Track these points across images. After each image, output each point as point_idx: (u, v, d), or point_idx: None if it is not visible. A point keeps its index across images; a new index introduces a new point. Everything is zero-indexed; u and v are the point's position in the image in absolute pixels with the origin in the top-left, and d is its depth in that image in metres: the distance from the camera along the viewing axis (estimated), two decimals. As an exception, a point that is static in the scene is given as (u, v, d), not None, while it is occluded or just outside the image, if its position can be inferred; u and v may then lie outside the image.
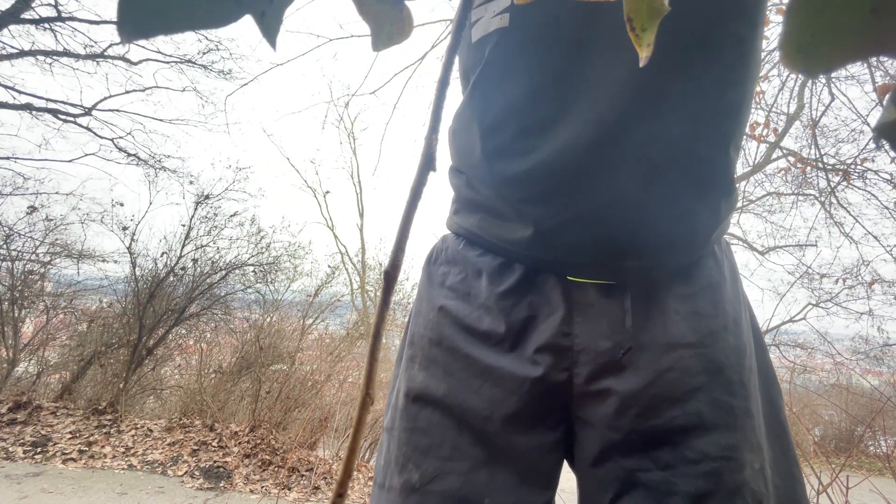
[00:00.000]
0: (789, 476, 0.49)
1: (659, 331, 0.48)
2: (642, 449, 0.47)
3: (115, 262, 5.90)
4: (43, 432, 3.79)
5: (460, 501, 0.48)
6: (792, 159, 5.17)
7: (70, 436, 3.80)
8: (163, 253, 5.52)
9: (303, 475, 3.86)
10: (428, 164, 0.19)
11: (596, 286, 0.49)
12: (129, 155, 6.14)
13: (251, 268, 6.49)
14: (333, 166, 12.50)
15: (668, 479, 0.45)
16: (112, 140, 5.95)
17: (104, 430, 3.99)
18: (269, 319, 6.88)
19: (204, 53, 5.85)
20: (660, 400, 0.47)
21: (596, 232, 0.47)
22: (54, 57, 5.23)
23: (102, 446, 3.76)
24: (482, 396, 0.50)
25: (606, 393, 0.48)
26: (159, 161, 6.21)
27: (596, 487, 0.49)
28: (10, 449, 3.50)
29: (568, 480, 0.60)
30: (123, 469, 3.53)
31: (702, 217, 0.49)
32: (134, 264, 5.41)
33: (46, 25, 5.04)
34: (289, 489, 3.64)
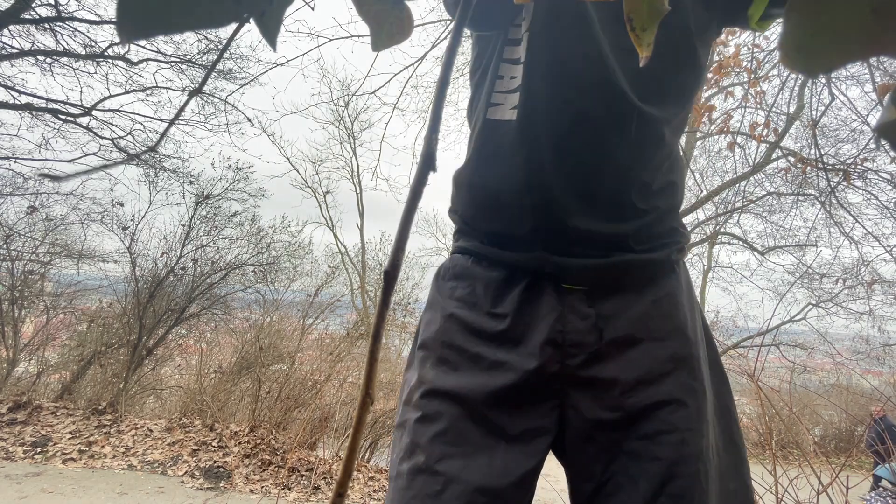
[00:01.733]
0: (733, 446, 0.61)
1: (635, 328, 0.59)
2: (626, 424, 0.57)
3: (115, 262, 5.89)
4: (43, 432, 3.79)
5: (461, 482, 0.54)
6: (792, 159, 5.16)
7: (70, 436, 3.80)
8: (163, 253, 5.52)
9: (303, 475, 3.86)
10: (428, 163, 0.19)
11: (582, 294, 0.60)
12: (130, 155, 6.13)
13: (251, 268, 6.48)
14: (333, 166, 12.45)
15: (648, 447, 0.55)
16: (112, 140, 5.95)
17: (104, 430, 4.00)
18: (269, 319, 6.88)
19: (204, 53, 5.84)
20: (636, 382, 0.57)
21: (581, 251, 0.60)
22: (54, 57, 5.22)
23: (102, 446, 3.76)
24: (488, 387, 0.58)
25: (593, 378, 0.58)
26: (159, 161, 6.21)
27: (588, 460, 0.58)
28: (10, 449, 3.51)
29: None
30: (123, 469, 3.54)
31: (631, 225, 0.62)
32: (134, 264, 5.41)
33: (46, 25, 5.04)
34: (289, 489, 3.64)
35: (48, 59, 5.22)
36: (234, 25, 0.18)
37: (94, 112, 5.67)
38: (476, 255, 0.66)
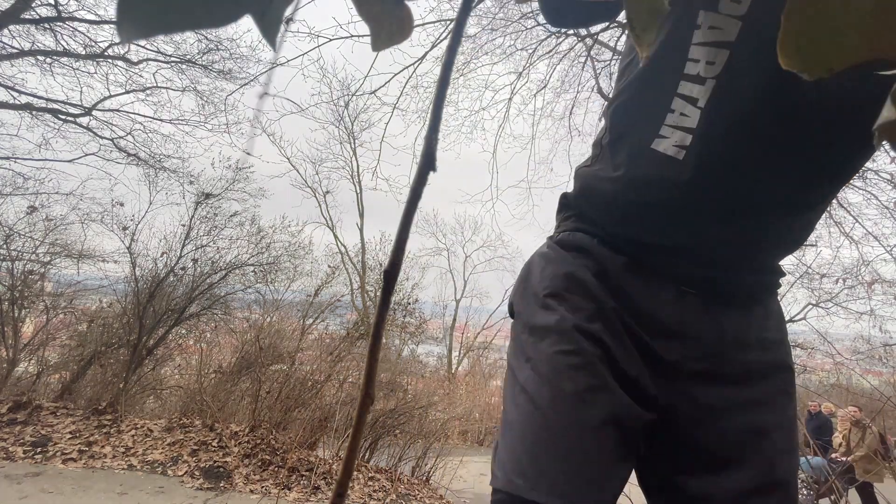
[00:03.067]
0: None
1: (746, 333, 0.65)
2: (733, 414, 0.63)
3: (115, 262, 5.90)
4: (43, 432, 3.79)
5: (602, 420, 0.59)
6: (792, 159, 5.15)
7: (70, 436, 3.80)
8: (163, 253, 5.52)
9: (303, 475, 3.86)
10: (428, 163, 0.19)
11: (701, 299, 0.65)
12: (129, 155, 6.14)
13: (251, 268, 6.49)
14: (333, 166, 12.45)
15: (754, 438, 0.62)
16: (112, 140, 5.95)
17: (104, 430, 4.00)
18: (269, 319, 6.88)
19: (204, 53, 5.85)
20: (746, 380, 0.64)
21: (702, 264, 0.65)
22: (54, 57, 5.23)
23: (102, 446, 3.76)
24: (619, 345, 0.64)
25: (707, 371, 0.64)
26: (159, 161, 6.21)
27: (697, 443, 0.63)
28: (10, 449, 3.51)
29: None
30: (123, 469, 3.54)
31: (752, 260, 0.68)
32: (134, 264, 5.41)
33: (46, 25, 5.04)
34: (289, 489, 3.64)
35: (48, 59, 5.22)
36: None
37: (94, 112, 5.67)
38: (601, 238, 0.70)
